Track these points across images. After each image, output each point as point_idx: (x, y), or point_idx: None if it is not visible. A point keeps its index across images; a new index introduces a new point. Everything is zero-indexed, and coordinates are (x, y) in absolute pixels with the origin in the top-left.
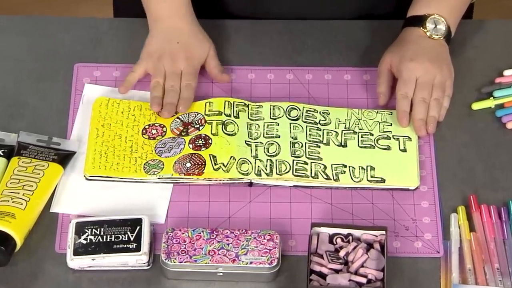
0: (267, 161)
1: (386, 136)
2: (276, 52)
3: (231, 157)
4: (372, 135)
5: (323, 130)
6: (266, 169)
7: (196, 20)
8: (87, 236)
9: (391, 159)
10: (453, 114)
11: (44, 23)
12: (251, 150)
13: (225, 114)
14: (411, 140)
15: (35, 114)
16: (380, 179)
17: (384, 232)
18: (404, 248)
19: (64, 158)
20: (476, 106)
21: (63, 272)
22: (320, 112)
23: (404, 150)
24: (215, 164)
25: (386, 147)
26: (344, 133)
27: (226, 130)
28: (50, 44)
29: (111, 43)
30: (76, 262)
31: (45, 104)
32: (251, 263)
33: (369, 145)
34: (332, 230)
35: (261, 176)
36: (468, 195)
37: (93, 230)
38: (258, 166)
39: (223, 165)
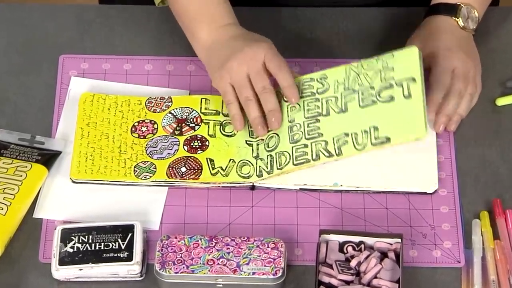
0: (267, 157)
1: (388, 85)
2: (281, 42)
3: (230, 160)
4: (373, 88)
5: (322, 99)
6: (266, 167)
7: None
8: (74, 244)
9: (395, 111)
10: (476, 111)
11: (25, 11)
12: (252, 150)
13: (223, 114)
14: (415, 82)
15: (16, 110)
16: (384, 139)
17: (399, 240)
18: (422, 257)
19: (48, 158)
20: (501, 101)
21: (48, 284)
22: (317, 79)
23: (409, 96)
24: (213, 169)
25: (389, 98)
26: (344, 96)
27: (224, 131)
28: (33, 34)
29: (100, 32)
30: (62, 273)
31: (28, 100)
32: (253, 273)
33: (371, 102)
34: (343, 238)
35: (262, 176)
36: (492, 200)
37: (81, 237)
38: (260, 166)
39: (222, 169)
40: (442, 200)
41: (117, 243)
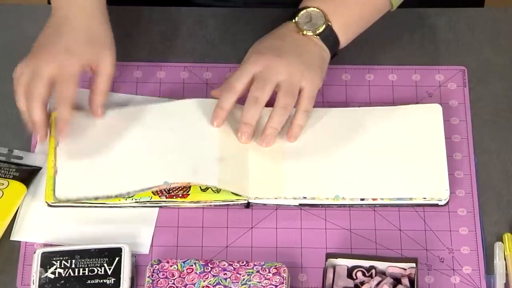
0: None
1: None
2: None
3: None
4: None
5: None
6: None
7: (105, 14)
8: (55, 269)
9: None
10: (497, 122)
11: (1, 11)
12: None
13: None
14: None
15: None
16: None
17: (414, 265)
18: (439, 284)
19: (27, 175)
20: None
21: None
22: None
23: None
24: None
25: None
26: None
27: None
28: (10, 36)
29: None
30: None
31: (5, 109)
32: None
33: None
34: (351, 262)
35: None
36: None
37: (63, 262)
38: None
39: None
40: (461, 221)
41: (102, 268)
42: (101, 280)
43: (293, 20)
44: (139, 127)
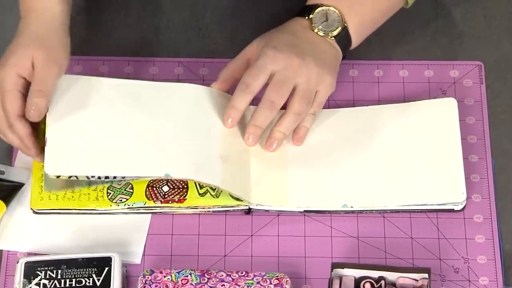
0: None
1: None
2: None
3: None
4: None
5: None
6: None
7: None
8: (40, 280)
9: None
10: None
11: None
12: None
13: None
14: None
15: None
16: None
17: (426, 275)
18: None
19: (8, 191)
20: None
21: None
22: None
23: None
24: (201, 188)
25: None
26: None
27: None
28: None
29: (71, 29)
30: None
31: None
32: None
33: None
34: (359, 273)
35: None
36: None
37: (48, 272)
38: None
39: (211, 189)
40: (478, 228)
41: (91, 279)
42: None
43: (307, 17)
44: (139, 105)
